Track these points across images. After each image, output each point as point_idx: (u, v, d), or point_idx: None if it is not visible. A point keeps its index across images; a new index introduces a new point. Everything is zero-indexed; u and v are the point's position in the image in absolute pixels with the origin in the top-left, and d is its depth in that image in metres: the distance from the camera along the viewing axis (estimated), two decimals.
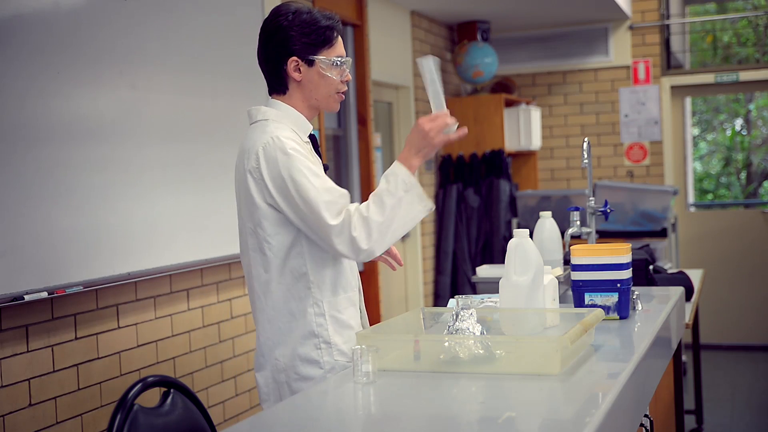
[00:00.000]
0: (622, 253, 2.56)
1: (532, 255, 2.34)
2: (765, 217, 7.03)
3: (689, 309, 3.60)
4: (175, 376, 3.53)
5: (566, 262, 2.94)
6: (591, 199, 3.14)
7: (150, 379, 2.19)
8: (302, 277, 2.28)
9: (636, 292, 2.71)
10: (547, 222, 2.94)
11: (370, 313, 5.42)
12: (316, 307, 2.29)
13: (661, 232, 5.91)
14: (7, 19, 2.77)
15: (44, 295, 2.80)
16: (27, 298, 2.74)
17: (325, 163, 2.42)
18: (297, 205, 2.21)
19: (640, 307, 2.70)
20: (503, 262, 2.39)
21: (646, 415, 2.42)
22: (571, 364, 1.98)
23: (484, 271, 3.22)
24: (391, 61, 5.87)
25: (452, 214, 6.38)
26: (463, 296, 2.09)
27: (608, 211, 3.08)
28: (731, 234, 7.07)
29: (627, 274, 2.56)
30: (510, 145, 6.65)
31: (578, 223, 3.07)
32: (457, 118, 2.29)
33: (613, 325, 2.49)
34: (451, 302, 2.33)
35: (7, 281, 2.70)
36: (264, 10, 3.97)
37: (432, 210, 2.31)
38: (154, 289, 3.45)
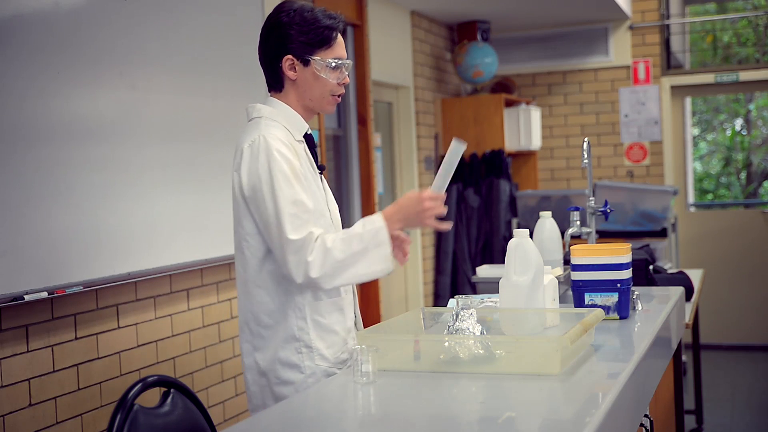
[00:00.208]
0: (622, 253, 2.56)
1: (532, 255, 2.34)
2: (765, 217, 7.03)
3: (689, 309, 3.60)
4: (175, 376, 3.53)
5: (566, 262, 2.94)
6: (591, 199, 3.14)
7: (150, 379, 2.19)
8: (281, 280, 2.24)
9: (636, 292, 2.72)
10: (547, 222, 2.94)
11: (370, 313, 5.42)
12: (297, 311, 2.25)
13: (661, 232, 5.91)
14: (7, 19, 2.77)
15: (44, 295, 2.80)
16: (27, 298, 2.74)
17: (321, 164, 2.40)
18: (265, 208, 2.17)
19: (640, 307, 2.70)
20: (503, 262, 2.40)
21: (646, 415, 2.42)
22: (571, 364, 1.98)
23: (484, 271, 3.22)
24: (391, 61, 5.87)
25: (452, 214, 6.38)
26: (463, 296, 2.09)
27: (608, 211, 3.08)
28: (731, 234, 7.07)
29: (627, 274, 2.56)
30: (510, 145, 6.64)
31: (578, 223, 3.07)
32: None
33: (613, 325, 2.49)
34: (451, 302, 2.33)
35: (7, 281, 2.70)
36: (264, 10, 3.97)
37: (390, 273, 2.26)
38: (154, 289, 3.45)
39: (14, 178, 2.75)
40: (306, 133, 2.36)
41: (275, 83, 2.34)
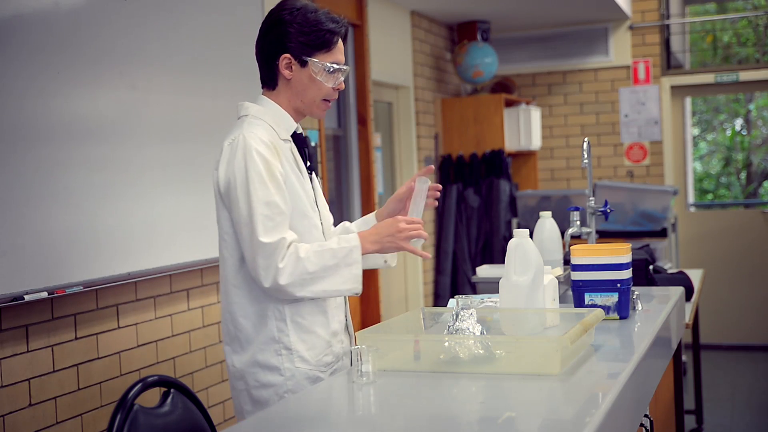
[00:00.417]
0: (622, 253, 2.56)
1: (532, 255, 2.34)
2: (765, 217, 7.03)
3: (689, 309, 3.60)
4: (175, 376, 3.53)
5: (566, 262, 2.94)
6: (591, 199, 3.14)
7: (150, 379, 2.19)
8: None
9: (636, 292, 2.71)
10: (547, 222, 2.94)
11: (370, 313, 5.42)
12: (277, 312, 2.22)
13: (661, 232, 5.91)
14: (7, 19, 2.77)
15: (44, 295, 2.80)
16: (27, 298, 2.74)
17: (310, 165, 2.36)
18: (239, 208, 2.16)
19: (640, 307, 2.70)
20: (503, 262, 2.39)
21: (646, 415, 2.42)
22: (571, 364, 1.98)
23: (484, 271, 3.22)
24: (391, 61, 5.87)
25: (452, 214, 6.38)
26: (463, 296, 2.09)
27: (608, 211, 3.08)
28: (731, 234, 7.07)
29: (627, 274, 2.56)
30: (510, 145, 6.64)
31: (578, 223, 3.07)
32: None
33: (613, 325, 2.49)
34: (451, 302, 2.33)
35: (7, 281, 2.70)
36: (264, 10, 3.96)
37: (357, 295, 2.26)
38: (154, 289, 3.45)
39: (14, 178, 2.75)
40: (296, 133, 2.33)
41: (269, 80, 2.31)
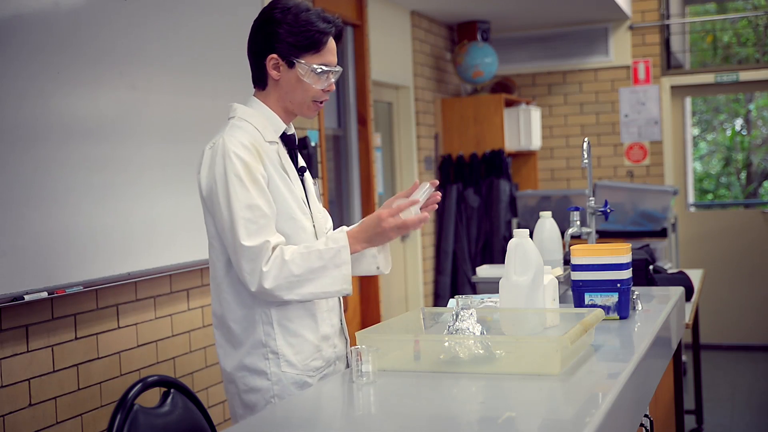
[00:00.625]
0: (622, 253, 2.55)
1: (532, 255, 2.34)
2: (765, 217, 7.03)
3: (689, 309, 3.60)
4: (175, 376, 3.53)
5: (566, 262, 2.94)
6: (591, 199, 3.14)
7: (150, 379, 2.19)
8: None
9: (636, 292, 2.71)
10: (547, 222, 2.94)
11: (370, 313, 5.42)
12: (264, 315, 2.20)
13: (661, 232, 5.91)
14: (7, 19, 2.77)
15: (44, 295, 2.80)
16: (27, 298, 2.74)
17: (302, 166, 2.34)
18: (220, 212, 2.14)
19: (640, 307, 2.70)
20: (503, 262, 2.39)
21: (646, 415, 2.42)
22: (571, 364, 1.98)
23: (484, 271, 3.22)
24: (391, 61, 5.87)
25: (452, 214, 6.38)
26: (463, 296, 2.09)
27: (608, 211, 3.08)
28: (731, 234, 7.07)
29: (627, 274, 2.56)
30: (510, 145, 6.65)
31: (578, 223, 3.07)
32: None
33: (613, 325, 2.49)
34: (451, 302, 2.33)
35: (7, 281, 2.70)
36: None
37: (348, 295, 2.23)
38: (154, 289, 3.45)
39: (14, 178, 2.75)
40: (285, 134, 2.30)
41: (259, 80, 2.29)
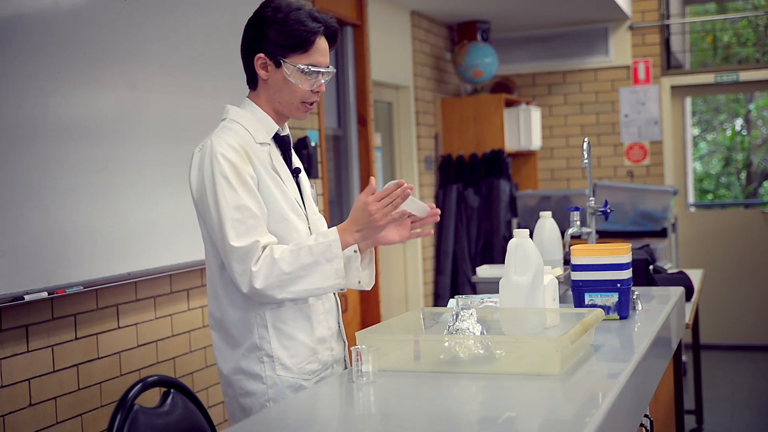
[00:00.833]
0: (622, 253, 2.55)
1: (532, 255, 2.34)
2: (765, 217, 7.03)
3: (689, 309, 3.60)
4: (175, 376, 3.53)
5: (566, 262, 2.94)
6: (591, 199, 3.14)
7: (150, 379, 2.19)
8: None
9: (636, 292, 2.71)
10: (547, 222, 2.94)
11: (370, 313, 5.42)
12: (258, 318, 2.19)
13: (661, 232, 5.91)
14: (7, 19, 2.77)
15: (44, 295, 2.80)
16: (27, 298, 2.74)
17: (296, 167, 2.33)
18: (210, 214, 2.13)
19: (640, 307, 2.70)
20: (503, 262, 2.39)
21: (646, 415, 2.42)
22: (571, 364, 1.98)
23: (484, 271, 3.22)
24: (391, 61, 5.87)
25: (452, 214, 6.38)
26: (463, 296, 2.09)
27: (608, 211, 3.08)
28: (731, 234, 7.07)
29: (627, 274, 2.56)
30: (510, 145, 6.64)
31: (578, 223, 3.07)
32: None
33: (613, 325, 2.49)
34: (451, 302, 2.33)
35: (7, 281, 2.70)
36: None
37: (344, 290, 2.21)
38: (154, 289, 3.45)
39: (14, 178, 2.75)
40: (278, 135, 2.28)
41: (250, 80, 2.28)
